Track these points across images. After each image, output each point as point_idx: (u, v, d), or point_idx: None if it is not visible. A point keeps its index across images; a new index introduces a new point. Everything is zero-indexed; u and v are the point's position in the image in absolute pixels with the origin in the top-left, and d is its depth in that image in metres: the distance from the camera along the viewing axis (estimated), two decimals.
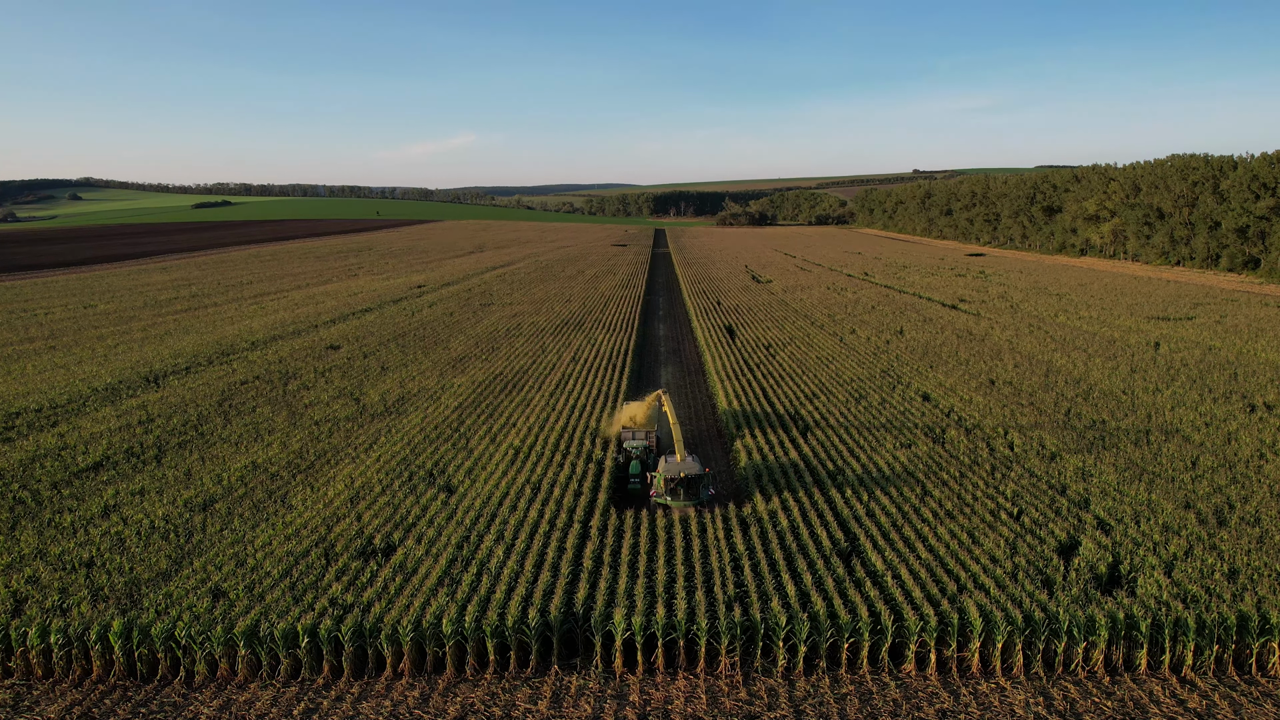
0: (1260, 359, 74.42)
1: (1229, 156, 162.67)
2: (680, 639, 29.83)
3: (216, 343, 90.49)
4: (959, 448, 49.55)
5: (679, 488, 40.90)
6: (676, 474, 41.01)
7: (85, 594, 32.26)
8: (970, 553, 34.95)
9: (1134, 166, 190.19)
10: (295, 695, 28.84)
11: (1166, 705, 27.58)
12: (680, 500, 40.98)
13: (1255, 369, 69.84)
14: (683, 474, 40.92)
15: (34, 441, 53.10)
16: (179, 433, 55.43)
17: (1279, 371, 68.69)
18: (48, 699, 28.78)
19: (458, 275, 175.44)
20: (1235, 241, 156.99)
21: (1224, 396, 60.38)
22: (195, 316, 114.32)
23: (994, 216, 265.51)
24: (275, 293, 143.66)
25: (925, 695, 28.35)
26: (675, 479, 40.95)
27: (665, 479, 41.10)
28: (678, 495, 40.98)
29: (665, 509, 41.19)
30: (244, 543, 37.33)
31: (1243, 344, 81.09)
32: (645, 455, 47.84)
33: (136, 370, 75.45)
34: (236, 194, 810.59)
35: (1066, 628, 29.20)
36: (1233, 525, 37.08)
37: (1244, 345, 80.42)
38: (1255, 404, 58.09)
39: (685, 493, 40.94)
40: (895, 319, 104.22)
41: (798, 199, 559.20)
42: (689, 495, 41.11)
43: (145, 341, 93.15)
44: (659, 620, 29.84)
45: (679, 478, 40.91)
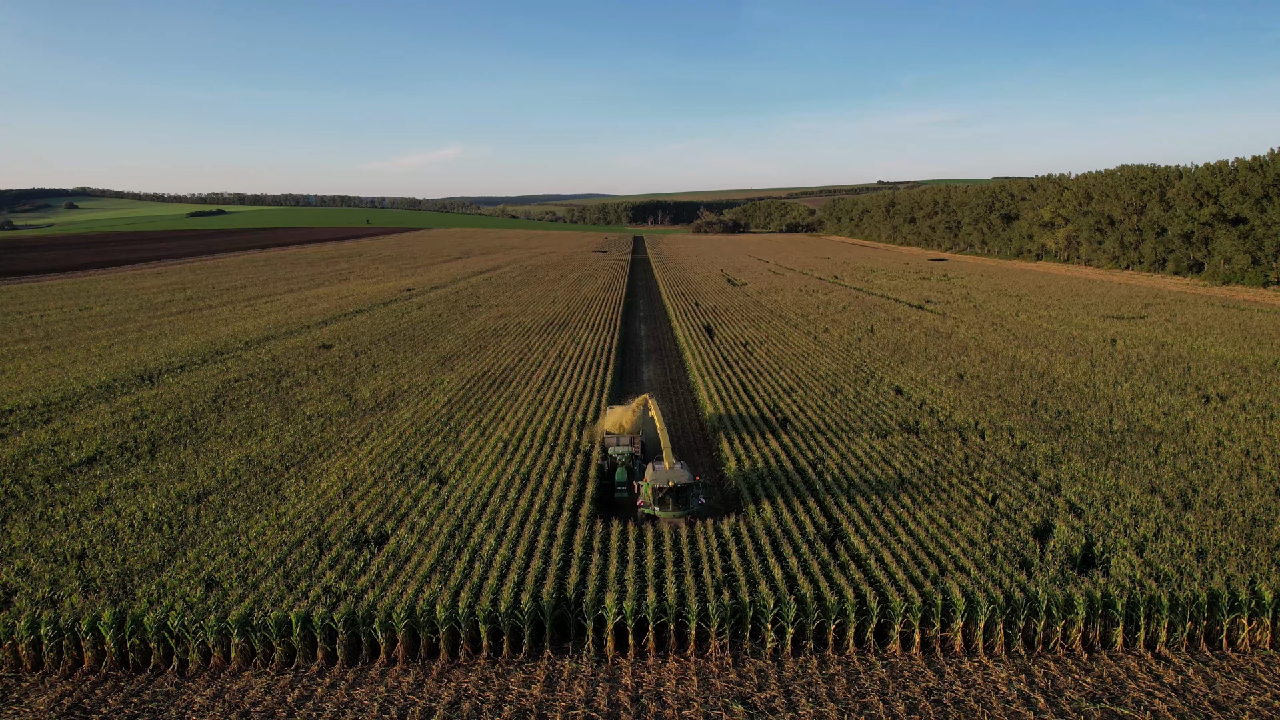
0: (1210, 354, 74.76)
1: (1174, 167, 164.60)
2: (670, 622, 28.89)
3: (211, 343, 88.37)
4: (933, 438, 49.04)
5: (668, 497, 37.05)
6: (665, 483, 37.08)
7: (76, 585, 30.76)
8: (949, 536, 34.32)
9: (1086, 176, 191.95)
10: (289, 683, 27.58)
11: (1143, 680, 27.02)
12: (670, 511, 37.12)
13: (1206, 363, 70.10)
14: (672, 483, 36.99)
15: (27, 437, 51.19)
16: (173, 428, 53.72)
17: (1229, 366, 68.98)
18: (37, 690, 27.30)
19: (445, 279, 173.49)
20: (1181, 246, 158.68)
21: (1179, 388, 60.42)
22: (190, 318, 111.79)
23: (955, 224, 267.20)
24: (268, 296, 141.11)
25: (911, 674, 27.61)
26: (664, 488, 37.08)
27: (654, 488, 37.19)
28: (667, 505, 37.14)
29: (653, 519, 37.64)
30: (237, 533, 35.94)
31: (1193, 340, 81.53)
32: (631, 462, 44.03)
33: (131, 369, 73.35)
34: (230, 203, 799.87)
35: (1046, 607, 28.60)
36: (1197, 508, 36.74)
37: (1194, 341, 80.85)
38: (1209, 395, 58.15)
39: (675, 502, 37.11)
40: (865, 318, 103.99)
41: (769, 208, 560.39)
42: (679, 505, 37.25)
43: (140, 342, 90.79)
44: (650, 604, 28.87)
45: (668, 487, 37.04)
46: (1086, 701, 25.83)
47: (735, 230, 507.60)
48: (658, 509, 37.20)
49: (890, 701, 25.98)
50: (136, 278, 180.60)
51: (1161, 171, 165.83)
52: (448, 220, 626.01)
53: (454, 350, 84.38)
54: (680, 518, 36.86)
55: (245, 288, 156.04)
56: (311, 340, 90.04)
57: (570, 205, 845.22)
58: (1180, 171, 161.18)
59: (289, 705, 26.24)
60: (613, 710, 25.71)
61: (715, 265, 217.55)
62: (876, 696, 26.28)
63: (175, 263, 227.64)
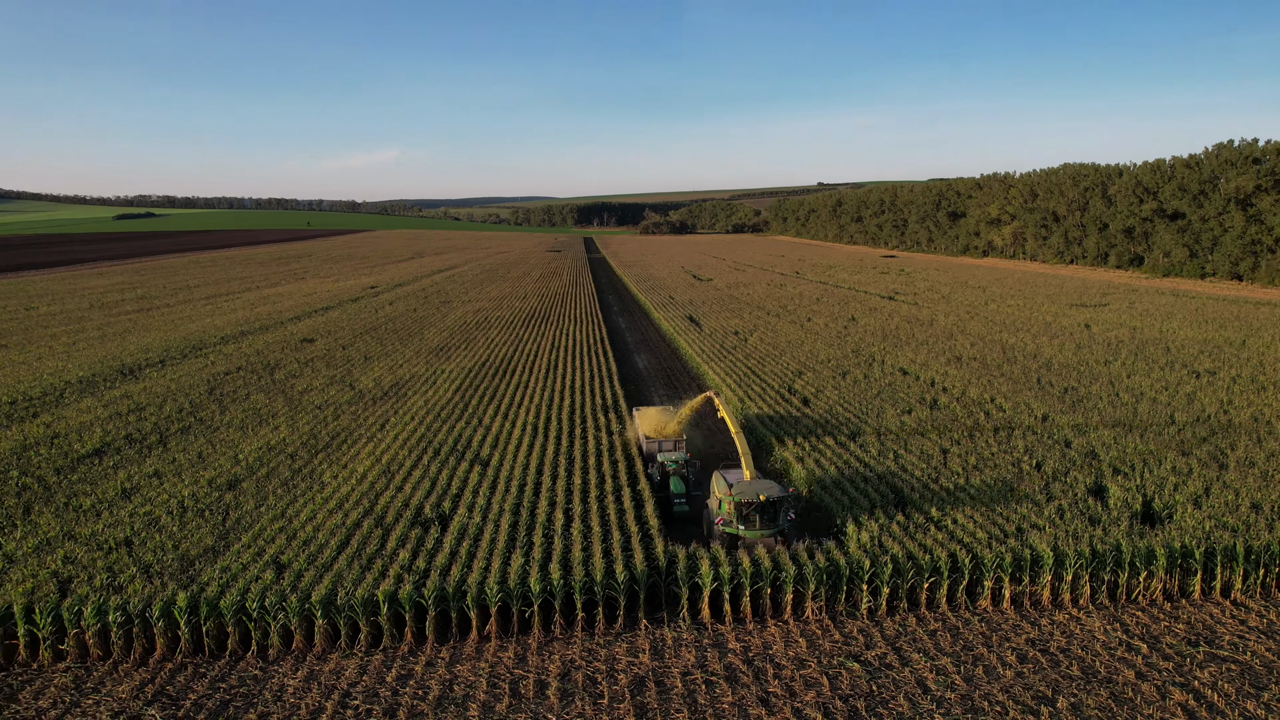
0: (1180, 336, 78.01)
1: (1115, 165, 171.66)
2: (766, 588, 28.57)
3: (184, 338, 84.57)
4: (956, 412, 49.86)
5: (755, 514, 31.48)
6: (754, 497, 31.28)
7: (134, 571, 28.87)
8: (1011, 497, 34.82)
9: (1031, 174, 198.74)
10: (382, 663, 26.35)
11: (1231, 625, 27.83)
12: (757, 530, 31.51)
13: (1181, 344, 73.09)
14: (762, 496, 31.26)
15: (20, 431, 48.05)
16: (176, 419, 51.11)
17: (1202, 346, 72.04)
18: (112, 679, 25.48)
19: (407, 277, 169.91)
20: (1123, 241, 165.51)
21: (1167, 365, 62.80)
22: (150, 317, 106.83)
23: (902, 222, 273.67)
24: (226, 295, 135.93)
25: (1009, 628, 27.88)
26: (752, 503, 31.38)
27: (739, 503, 31.49)
28: (753, 523, 31.53)
29: (735, 540, 32.11)
30: (286, 517, 34.30)
31: (1160, 324, 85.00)
32: (686, 470, 39.47)
33: (106, 364, 69.63)
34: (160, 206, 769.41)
35: (1130, 558, 29.21)
36: (1232, 467, 38.14)
37: (1161, 325, 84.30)
38: (1198, 371, 60.59)
39: (762, 519, 31.56)
40: (843, 308, 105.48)
41: (715, 209, 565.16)
42: (767, 523, 31.69)
43: (105, 339, 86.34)
44: (746, 570, 28.51)
45: (757, 501, 31.31)
46: (1186, 645, 26.46)
47: (683, 231, 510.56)
48: (742, 528, 31.75)
49: (999, 652, 26.18)
50: (77, 278, 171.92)
51: (1103, 170, 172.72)
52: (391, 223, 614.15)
53: (443, 342, 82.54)
54: (770, 537, 31.75)
55: (199, 287, 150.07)
56: (291, 335, 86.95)
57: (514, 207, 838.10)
58: (1121, 170, 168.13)
59: (390, 685, 25.07)
60: (730, 674, 25.28)
61: (675, 263, 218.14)
62: (984, 649, 26.45)
63: (115, 264, 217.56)
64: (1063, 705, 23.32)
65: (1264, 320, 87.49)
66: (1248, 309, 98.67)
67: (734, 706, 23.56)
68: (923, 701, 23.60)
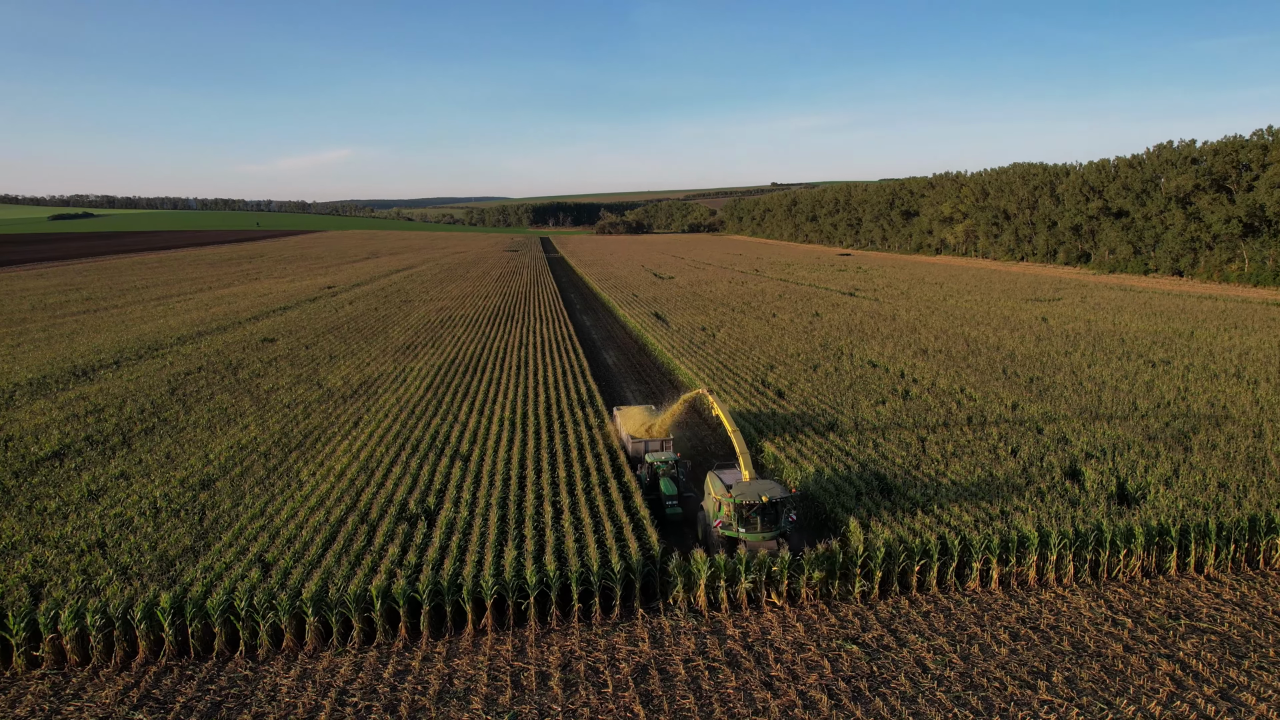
0: (1132, 328, 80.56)
1: (1063, 165, 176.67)
2: (760, 576, 28.67)
3: (138, 339, 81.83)
4: (928, 402, 50.73)
5: (756, 516, 30.04)
6: (755, 498, 29.96)
7: (111, 573, 27.79)
8: (991, 483, 35.54)
9: (982, 173, 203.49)
10: (377, 659, 25.81)
11: (1208, 599, 28.80)
12: (759, 532, 30.05)
13: (1134, 335, 75.52)
14: (765, 498, 29.93)
15: None
16: (138, 420, 49.41)
17: (1154, 337, 74.52)
18: (93, 684, 24.50)
19: (364, 277, 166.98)
20: (1071, 238, 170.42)
21: (1124, 356, 64.81)
22: (99, 318, 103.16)
23: (856, 221, 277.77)
24: (178, 295, 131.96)
25: (999, 607, 28.45)
26: (753, 504, 29.98)
27: (740, 505, 30.09)
28: (754, 526, 30.06)
29: (734, 543, 30.73)
30: (266, 516, 33.41)
31: (1112, 317, 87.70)
32: (676, 471, 38.16)
33: (57, 365, 67.03)
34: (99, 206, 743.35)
35: (1110, 537, 30.03)
36: (1196, 450, 39.48)
37: (1114, 318, 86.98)
38: (1153, 361, 62.63)
39: (764, 521, 30.15)
40: (806, 304, 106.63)
41: (670, 209, 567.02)
42: (768, 525, 30.27)
43: (51, 340, 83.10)
44: (741, 557, 28.59)
45: (758, 503, 29.94)
46: (1167, 619, 27.30)
47: (639, 231, 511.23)
48: (743, 530, 30.16)
49: (993, 631, 26.70)
50: (15, 279, 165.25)
51: (1052, 169, 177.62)
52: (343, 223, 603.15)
53: (409, 341, 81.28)
54: (772, 540, 30.34)
55: (148, 288, 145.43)
56: (250, 334, 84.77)
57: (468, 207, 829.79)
58: (1068, 169, 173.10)
59: (388, 681, 24.56)
60: (731, 659, 25.33)
61: (635, 261, 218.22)
62: (977, 628, 26.95)
63: (54, 265, 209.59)
64: (1058, 679, 23.87)
65: (1207, 313, 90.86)
66: (1190, 302, 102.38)
67: (739, 690, 23.61)
68: (923, 680, 23.94)
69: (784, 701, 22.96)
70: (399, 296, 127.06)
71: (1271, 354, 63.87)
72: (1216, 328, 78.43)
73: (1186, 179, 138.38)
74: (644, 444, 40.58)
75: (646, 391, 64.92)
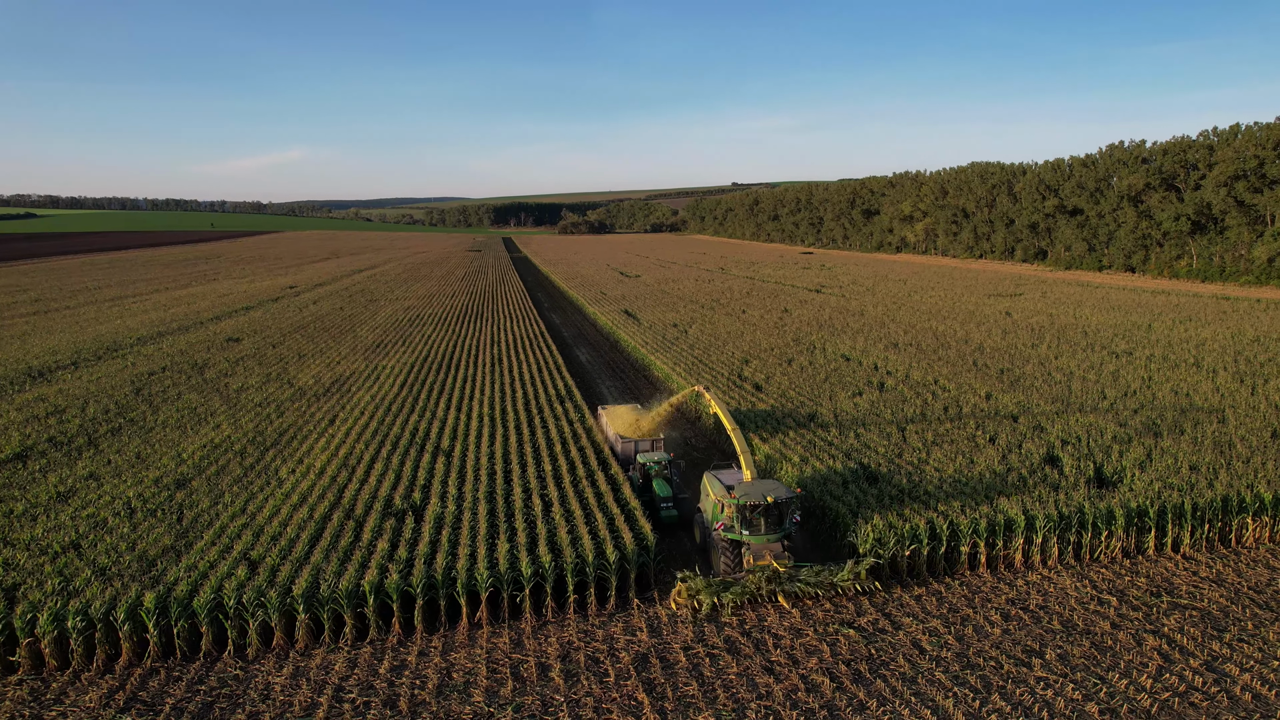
0: (1093, 321, 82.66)
1: (1019, 164, 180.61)
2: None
3: (95, 339, 79.40)
4: (904, 393, 51.44)
5: (760, 517, 28.95)
6: (760, 499, 28.74)
7: (89, 574, 26.88)
8: (973, 469, 36.13)
9: (941, 172, 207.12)
10: (372, 655, 25.35)
11: (1186, 577, 29.63)
12: (762, 535, 28.98)
13: (1096, 328, 77.49)
14: (770, 498, 28.75)
15: None
16: (104, 421, 47.93)
17: (1115, 330, 76.52)
18: (75, 689, 23.66)
19: (326, 277, 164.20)
20: (1028, 236, 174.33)
21: (1088, 348, 66.46)
22: (51, 319, 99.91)
23: (818, 220, 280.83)
24: (133, 296, 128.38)
25: (988, 590, 28.94)
26: (757, 506, 28.83)
27: (743, 506, 28.88)
28: (758, 528, 28.96)
29: (738, 547, 29.49)
30: (248, 514, 32.61)
31: (1073, 311, 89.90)
32: (669, 472, 36.83)
33: (10, 367, 64.78)
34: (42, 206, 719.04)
35: (1092, 520, 30.73)
36: (1166, 435, 40.60)
37: (1074, 312, 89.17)
38: (1116, 352, 64.32)
39: (767, 523, 29.11)
40: (774, 301, 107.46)
41: (633, 209, 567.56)
42: (772, 526, 29.22)
43: (2, 341, 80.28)
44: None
45: (762, 504, 28.76)
46: (1150, 597, 28.03)
47: (601, 230, 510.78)
48: (746, 533, 29.00)
49: (984, 613, 27.14)
50: None
51: (1009, 168, 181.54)
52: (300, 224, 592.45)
53: (378, 339, 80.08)
54: (777, 542, 29.26)
55: (101, 289, 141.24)
56: (214, 334, 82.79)
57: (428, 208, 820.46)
58: (1025, 168, 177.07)
59: (384, 676, 24.14)
60: (730, 646, 25.37)
61: (600, 260, 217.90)
62: (970, 610, 27.38)
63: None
64: (1051, 656, 24.35)
65: (1162, 306, 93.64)
66: (1145, 297, 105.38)
67: (740, 676, 23.66)
68: (921, 661, 24.23)
69: (787, 685, 23.07)
70: (364, 296, 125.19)
71: (1226, 344, 66.00)
72: (1172, 320, 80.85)
73: (1138, 178, 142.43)
74: (634, 444, 39.33)
75: (623, 387, 64.85)
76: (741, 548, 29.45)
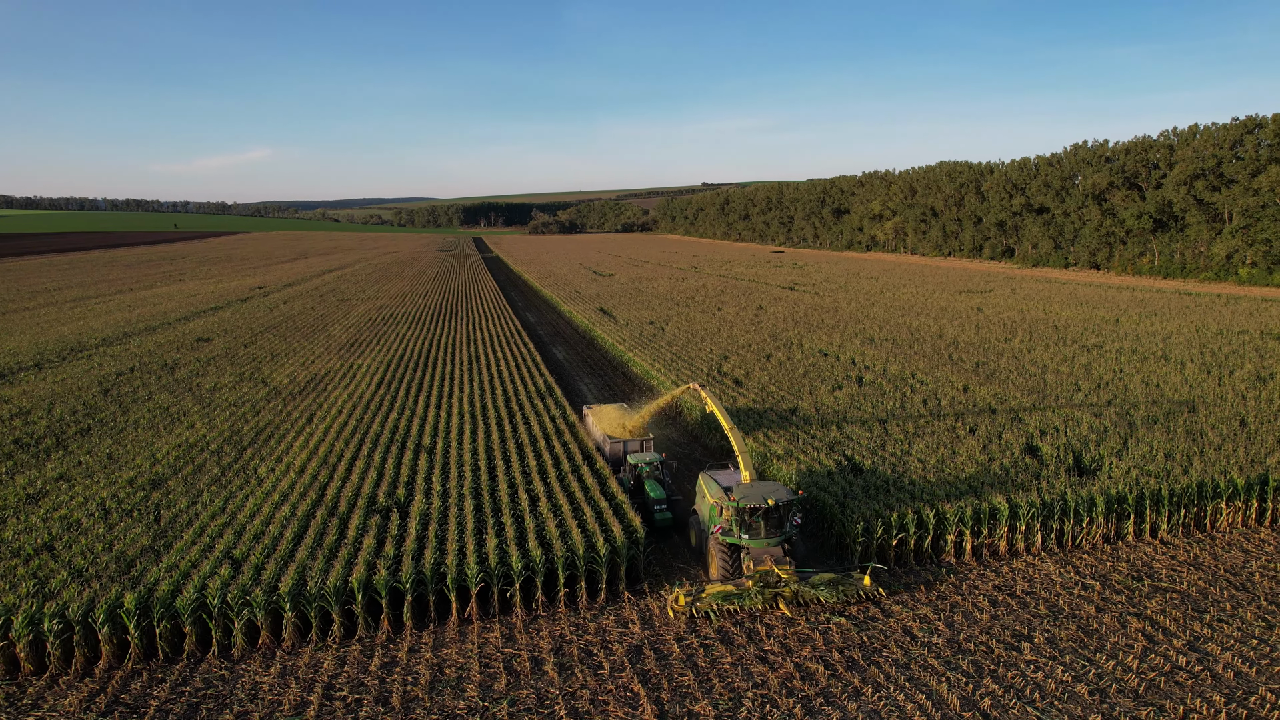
0: (1062, 316, 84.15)
1: (987, 163, 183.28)
2: None
3: (58, 340, 77.40)
4: (883, 387, 51.89)
5: (760, 520, 27.94)
6: (760, 501, 27.68)
7: (65, 576, 26.13)
8: (955, 459, 36.53)
9: (910, 171, 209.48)
10: (361, 653, 24.97)
11: (1165, 561, 30.22)
12: (762, 538, 27.97)
13: (1066, 323, 78.87)
14: (770, 500, 27.71)
15: None
16: (71, 422, 46.69)
17: (1084, 324, 77.96)
18: (53, 693, 22.99)
19: (296, 277, 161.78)
20: (996, 234, 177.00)
21: (1059, 341, 67.60)
22: (9, 320, 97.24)
23: (788, 219, 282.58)
24: (95, 297, 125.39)
25: (975, 577, 29.27)
26: (757, 508, 27.77)
27: (742, 509, 27.89)
28: (758, 531, 27.94)
29: (737, 551, 28.56)
30: (228, 513, 31.95)
31: (1043, 307, 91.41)
32: (661, 473, 35.87)
33: None
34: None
35: (1074, 507, 31.21)
36: (1139, 424, 41.41)
37: (1044, 308, 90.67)
38: (1087, 345, 65.50)
39: (768, 526, 28.08)
40: (749, 298, 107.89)
41: (603, 209, 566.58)
42: (773, 529, 28.18)
43: None
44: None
45: (763, 506, 27.70)
46: (1131, 581, 28.53)
47: (572, 230, 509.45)
48: (745, 536, 28.00)
49: (972, 599, 27.44)
50: None
51: (976, 167, 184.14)
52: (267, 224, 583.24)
53: (352, 338, 79.04)
54: (777, 546, 28.31)
55: (61, 290, 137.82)
56: (183, 335, 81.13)
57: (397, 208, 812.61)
58: (992, 167, 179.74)
59: (375, 673, 23.79)
60: (724, 637, 25.37)
61: (572, 260, 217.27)
62: (958, 597, 27.66)
63: None
64: (1039, 640, 24.68)
65: (1127, 302, 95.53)
66: (1110, 293, 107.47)
67: (735, 666, 23.66)
68: (913, 647, 24.42)
69: (782, 674, 23.11)
70: (335, 296, 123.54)
71: (1191, 338, 67.53)
72: (1138, 315, 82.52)
73: (1101, 177, 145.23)
74: (623, 444, 38.30)
75: (602, 384, 64.69)
76: (741, 552, 28.44)
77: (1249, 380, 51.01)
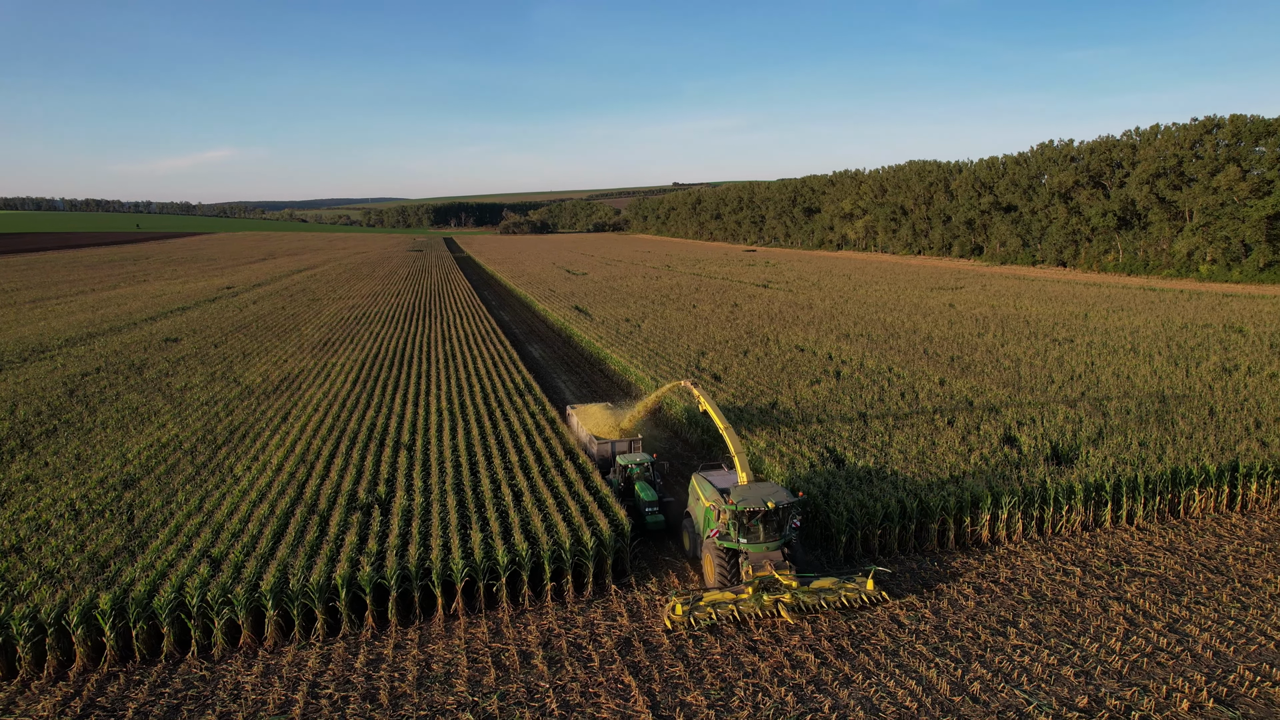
0: (1033, 312, 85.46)
1: (955, 162, 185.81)
2: None
3: (17, 341, 75.42)
4: (861, 380, 52.28)
5: (759, 524, 26.75)
6: (759, 504, 26.47)
7: (35, 577, 25.38)
8: (935, 451, 36.87)
9: (880, 170, 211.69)
10: (346, 650, 24.55)
11: (1142, 547, 30.76)
12: (761, 542, 26.84)
13: (1036, 318, 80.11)
14: (770, 503, 26.51)
15: None
16: (35, 423, 45.47)
17: (1054, 320, 79.25)
18: (24, 698, 22.32)
19: (265, 277, 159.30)
20: (965, 232, 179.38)
21: (1031, 336, 68.64)
22: None
23: (759, 219, 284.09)
24: (56, 298, 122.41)
25: (958, 565, 29.54)
26: (756, 512, 26.56)
27: (740, 512, 26.60)
28: (756, 535, 26.79)
29: (735, 555, 27.24)
30: (204, 511, 31.27)
31: (1013, 302, 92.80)
32: (652, 474, 34.94)
33: None
34: None
35: (1054, 495, 31.64)
36: (1113, 414, 42.14)
37: (1014, 304, 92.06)
38: (1058, 339, 66.58)
39: (767, 530, 26.92)
40: (723, 296, 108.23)
41: (575, 209, 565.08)
42: (772, 533, 27.03)
43: None
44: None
45: (762, 509, 26.48)
46: (1110, 566, 28.99)
47: (543, 230, 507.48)
48: (744, 540, 26.85)
49: (957, 586, 27.69)
50: None
51: (945, 166, 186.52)
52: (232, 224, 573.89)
53: (324, 338, 77.94)
54: (777, 550, 27.16)
55: (19, 290, 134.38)
56: (150, 335, 79.44)
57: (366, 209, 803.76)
58: (961, 166, 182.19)
59: (361, 671, 23.41)
60: (712, 627, 25.30)
61: (545, 259, 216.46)
62: (943, 584, 27.90)
63: None
64: (1024, 625, 24.96)
65: (1095, 298, 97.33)
66: (1078, 289, 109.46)
67: (725, 656, 23.63)
68: (901, 635, 24.57)
69: (772, 663, 23.12)
70: (306, 295, 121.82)
71: (1158, 332, 68.92)
72: (1106, 310, 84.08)
73: (1067, 175, 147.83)
74: (610, 445, 37.25)
75: (580, 381, 64.45)
76: (739, 557, 27.17)
77: (1215, 371, 52.16)
